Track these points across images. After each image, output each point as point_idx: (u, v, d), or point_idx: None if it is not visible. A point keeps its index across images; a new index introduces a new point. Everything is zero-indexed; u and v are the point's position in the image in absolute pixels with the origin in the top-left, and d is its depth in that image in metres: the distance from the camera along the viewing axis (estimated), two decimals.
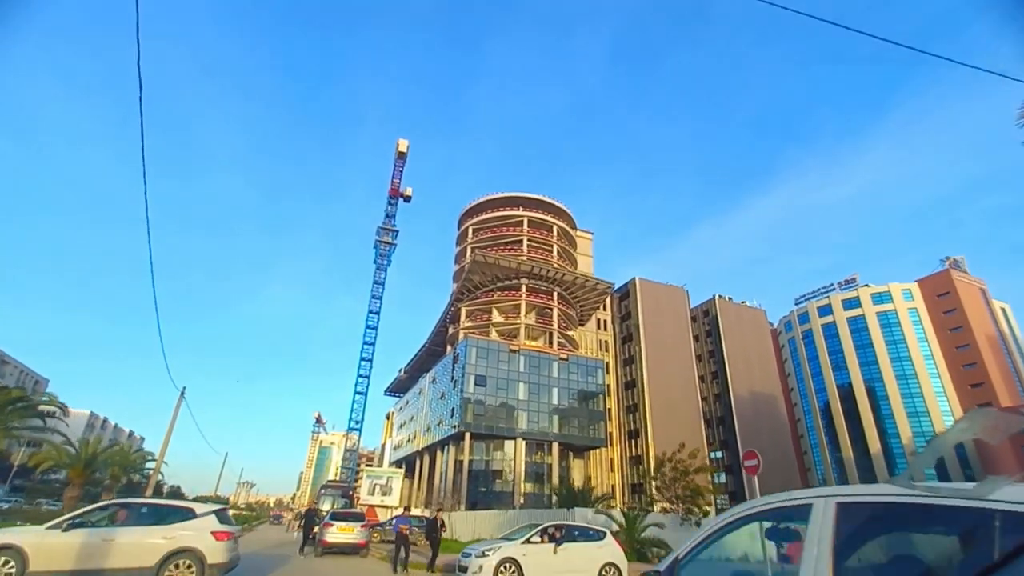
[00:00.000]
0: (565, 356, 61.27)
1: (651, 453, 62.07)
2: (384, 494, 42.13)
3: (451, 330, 70.16)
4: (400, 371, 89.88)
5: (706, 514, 21.26)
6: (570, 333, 67.24)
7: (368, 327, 77.85)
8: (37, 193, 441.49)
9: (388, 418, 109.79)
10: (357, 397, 76.10)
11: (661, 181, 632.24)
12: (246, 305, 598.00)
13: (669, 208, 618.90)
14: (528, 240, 70.03)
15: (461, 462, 54.65)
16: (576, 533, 13.21)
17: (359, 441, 79.24)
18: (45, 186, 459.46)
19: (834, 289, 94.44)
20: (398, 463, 77.09)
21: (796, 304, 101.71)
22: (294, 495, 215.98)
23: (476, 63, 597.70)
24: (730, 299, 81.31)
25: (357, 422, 75.85)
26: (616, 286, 71.32)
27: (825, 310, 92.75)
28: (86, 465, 31.76)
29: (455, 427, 54.42)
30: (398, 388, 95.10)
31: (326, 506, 23.13)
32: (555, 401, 58.53)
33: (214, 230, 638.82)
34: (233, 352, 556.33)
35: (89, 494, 48.27)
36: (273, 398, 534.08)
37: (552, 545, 11.82)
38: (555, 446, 56.29)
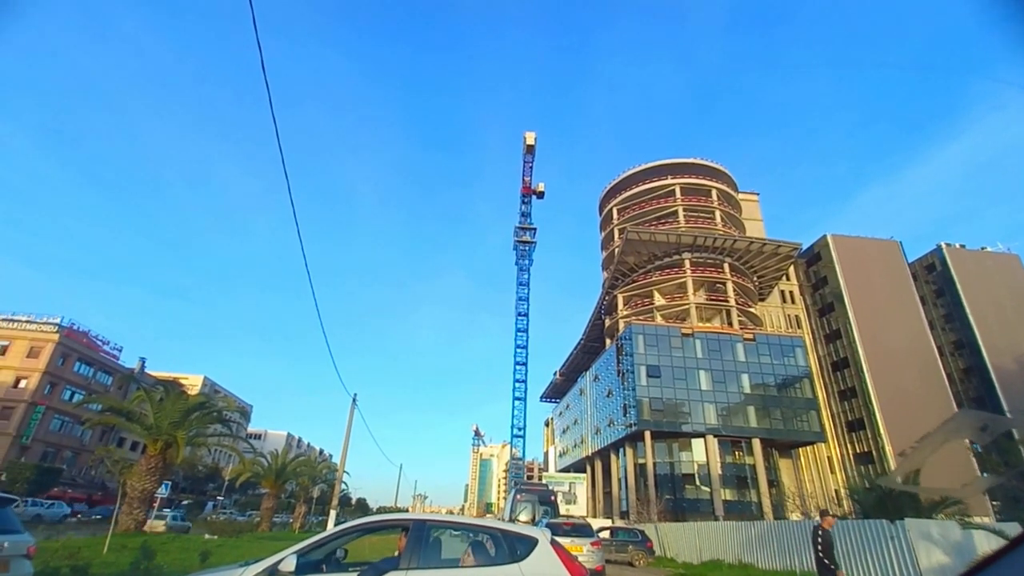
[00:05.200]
0: (750, 336, 51.32)
1: (887, 447, 48.99)
2: (568, 503, 37.35)
3: (608, 322, 64.01)
4: (555, 374, 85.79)
5: None
6: (751, 309, 56.72)
7: (518, 330, 75.01)
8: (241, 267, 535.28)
9: (547, 425, 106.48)
10: (516, 403, 73.23)
11: (811, 145, 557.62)
12: (403, 329, 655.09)
13: (826, 174, 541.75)
14: (684, 210, 61.30)
15: (642, 465, 47.91)
16: (447, 539, 5.27)
17: (524, 450, 76.21)
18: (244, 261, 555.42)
19: None
20: (565, 471, 72.28)
21: None
22: (463, 506, 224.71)
23: (589, 58, 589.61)
24: (962, 247, 63.04)
25: (520, 429, 72.80)
26: (802, 247, 58.79)
27: None
28: (277, 475, 31.94)
29: (630, 426, 47.93)
30: (554, 393, 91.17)
31: (524, 516, 18.35)
32: (746, 389, 49.00)
33: (364, 260, 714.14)
34: (396, 371, 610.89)
35: (284, 505, 52.06)
36: (435, 411, 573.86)
37: None
38: (756, 443, 46.62)
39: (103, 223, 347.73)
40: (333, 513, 29.27)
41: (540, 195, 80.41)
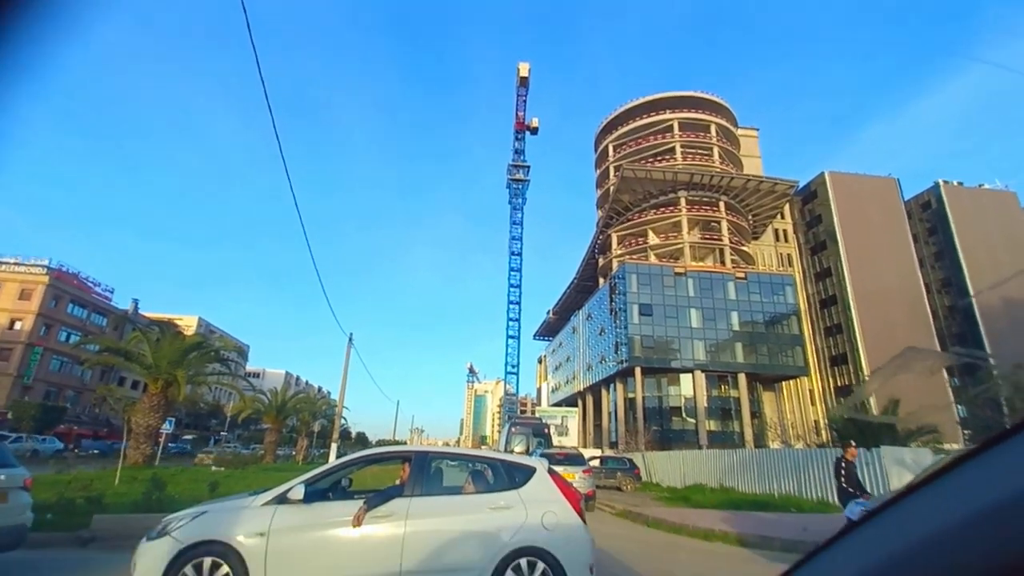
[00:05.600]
0: (742, 274, 51.84)
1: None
2: (560, 435, 38.99)
3: (602, 261, 64.11)
4: (548, 312, 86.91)
5: None
6: (744, 248, 56.89)
7: (512, 270, 75.01)
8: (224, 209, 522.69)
9: (540, 362, 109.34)
10: (510, 342, 74.62)
11: (814, 78, 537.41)
12: (397, 270, 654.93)
13: (827, 109, 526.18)
14: (681, 146, 59.83)
15: (632, 400, 49.80)
16: (448, 469, 5.83)
17: (517, 386, 78.52)
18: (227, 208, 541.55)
19: None
20: (558, 405, 75.05)
21: None
22: (458, 439, 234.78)
23: None
24: (960, 184, 62.62)
25: (513, 367, 74.58)
26: (798, 185, 58.08)
27: None
28: (278, 411, 32.93)
29: (622, 363, 49.31)
30: (547, 331, 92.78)
31: (518, 448, 19.17)
32: (735, 327, 50.15)
33: (355, 198, 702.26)
34: (391, 311, 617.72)
35: (287, 439, 54.18)
36: (430, 350, 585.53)
37: (357, 505, 4.64)
38: (741, 378, 48.33)
39: (87, 166, 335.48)
40: (334, 446, 30.43)
41: (534, 131, 77.73)
